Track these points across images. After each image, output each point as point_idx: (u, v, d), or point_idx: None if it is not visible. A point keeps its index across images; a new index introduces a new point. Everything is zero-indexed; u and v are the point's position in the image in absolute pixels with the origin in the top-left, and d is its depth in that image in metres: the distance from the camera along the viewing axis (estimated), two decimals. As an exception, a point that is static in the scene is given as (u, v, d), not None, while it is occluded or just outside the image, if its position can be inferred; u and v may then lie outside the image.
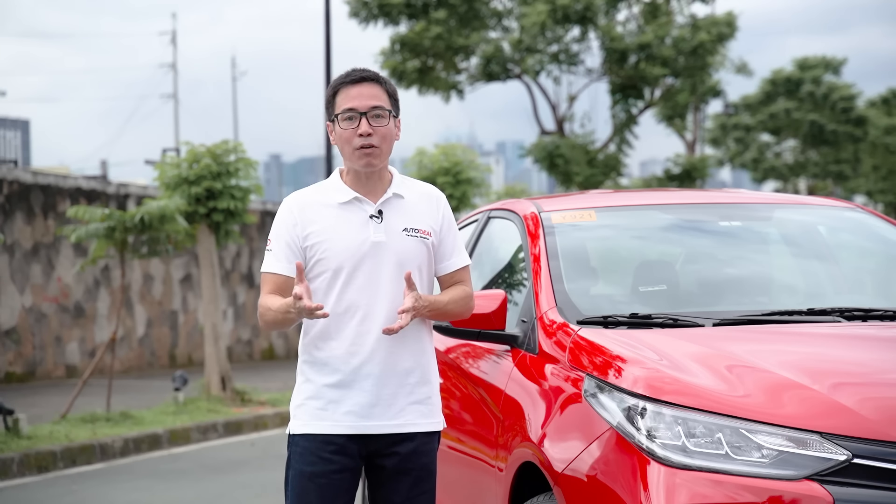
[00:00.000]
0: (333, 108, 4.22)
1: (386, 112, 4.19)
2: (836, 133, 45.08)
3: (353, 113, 4.17)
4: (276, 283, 4.19)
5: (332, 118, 4.23)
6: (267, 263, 4.24)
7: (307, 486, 4.15)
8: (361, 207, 4.20)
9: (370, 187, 4.23)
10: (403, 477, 4.21)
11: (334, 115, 4.21)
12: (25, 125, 56.65)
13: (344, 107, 4.18)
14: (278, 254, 4.21)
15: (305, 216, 4.20)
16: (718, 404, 3.95)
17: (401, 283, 4.15)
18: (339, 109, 4.19)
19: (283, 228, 4.22)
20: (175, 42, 58.91)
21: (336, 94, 4.22)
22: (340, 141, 4.20)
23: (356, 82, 4.20)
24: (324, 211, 4.20)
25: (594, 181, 28.18)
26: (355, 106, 4.17)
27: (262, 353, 23.25)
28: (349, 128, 4.17)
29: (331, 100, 4.24)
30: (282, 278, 4.18)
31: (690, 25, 28.45)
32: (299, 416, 4.19)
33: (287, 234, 4.20)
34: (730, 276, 5.30)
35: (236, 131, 62.70)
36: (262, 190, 14.40)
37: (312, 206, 4.22)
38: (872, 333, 4.61)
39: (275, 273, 4.19)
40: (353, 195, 4.20)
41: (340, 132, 4.19)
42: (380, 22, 27.94)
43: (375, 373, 4.15)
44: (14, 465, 10.44)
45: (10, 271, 17.19)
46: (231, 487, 9.88)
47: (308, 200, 4.24)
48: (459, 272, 4.33)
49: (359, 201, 4.21)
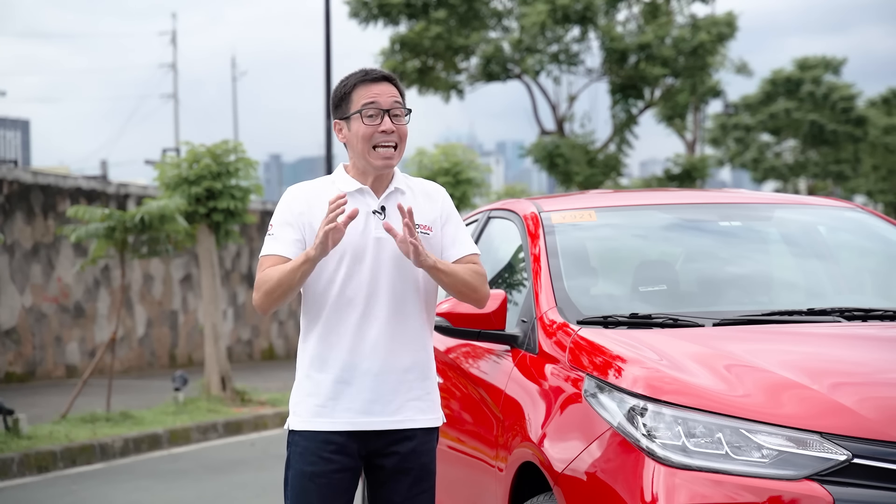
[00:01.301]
0: (348, 106, 4.16)
1: (405, 111, 4.20)
2: (836, 133, 45.07)
3: (376, 109, 4.13)
4: (276, 264, 4.14)
5: (345, 115, 4.17)
6: (268, 247, 4.16)
7: (307, 486, 4.14)
8: (365, 201, 4.19)
9: (375, 185, 4.22)
10: (403, 476, 4.21)
11: (353, 112, 4.15)
12: (25, 125, 56.63)
13: (365, 101, 4.13)
14: (281, 237, 4.15)
15: (310, 204, 4.17)
16: (718, 404, 3.95)
17: (401, 281, 4.15)
18: (357, 106, 4.13)
19: (289, 215, 4.17)
20: (175, 42, 58.92)
21: (352, 91, 4.16)
22: (358, 138, 4.14)
23: (377, 80, 4.16)
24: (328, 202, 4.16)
25: (594, 181, 28.19)
26: (380, 102, 4.14)
27: (262, 353, 23.25)
28: (371, 124, 4.13)
29: (345, 97, 4.17)
30: (283, 260, 4.13)
31: (690, 25, 28.45)
32: (299, 413, 4.18)
33: (293, 220, 4.16)
34: (730, 276, 5.30)
35: (236, 131, 62.70)
36: (262, 190, 14.40)
37: (317, 195, 4.20)
38: (872, 333, 4.61)
39: (277, 255, 4.13)
40: (358, 186, 4.19)
41: (360, 129, 4.14)
42: (380, 22, 27.95)
43: (375, 369, 4.14)
44: (14, 465, 10.44)
45: (10, 271, 17.19)
46: (231, 487, 9.88)
47: (313, 190, 4.22)
48: (467, 258, 4.24)
49: (362, 194, 4.19)
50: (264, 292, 4.09)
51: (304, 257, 4.02)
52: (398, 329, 4.17)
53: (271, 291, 4.08)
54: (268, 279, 4.08)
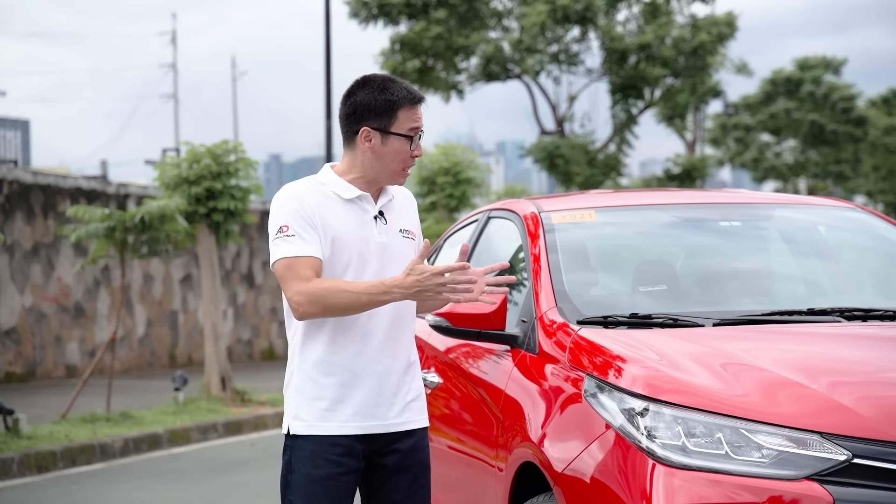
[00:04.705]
0: (391, 121, 4.14)
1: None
2: (836, 133, 45.09)
3: (416, 133, 4.18)
4: (314, 266, 4.05)
5: (387, 129, 4.15)
6: (293, 248, 4.04)
7: (316, 490, 4.11)
8: (364, 207, 4.19)
9: (372, 190, 4.23)
10: (403, 474, 4.22)
11: (397, 132, 4.15)
12: (25, 125, 56.63)
13: (411, 126, 4.15)
14: (306, 237, 4.06)
15: (317, 204, 4.12)
16: (718, 404, 3.95)
17: None
18: (405, 128, 4.15)
19: (302, 213, 4.08)
20: (175, 42, 58.92)
21: (399, 109, 4.14)
22: (394, 156, 4.15)
23: (419, 103, 4.20)
24: (331, 204, 4.14)
25: (594, 181, 28.20)
26: (420, 127, 4.18)
27: (262, 353, 23.25)
28: (412, 149, 4.17)
29: (390, 111, 4.14)
30: (318, 262, 4.06)
31: (690, 25, 28.46)
32: (303, 417, 4.14)
33: (309, 218, 4.08)
34: (730, 276, 5.30)
35: (236, 131, 62.69)
36: (262, 190, 14.41)
37: (318, 196, 4.15)
38: (872, 333, 4.61)
39: (312, 256, 4.05)
40: (359, 193, 4.18)
41: (403, 150, 4.15)
42: (380, 22, 27.96)
43: (380, 371, 4.15)
44: (14, 465, 10.44)
45: (10, 271, 17.19)
46: (231, 487, 9.88)
47: (311, 190, 4.16)
48: None
49: (361, 200, 4.19)
50: (323, 305, 4.01)
51: (388, 294, 3.98)
52: (399, 331, 4.19)
53: (331, 307, 4.01)
54: (333, 294, 3.99)
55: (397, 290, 3.97)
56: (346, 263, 4.12)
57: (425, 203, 21.31)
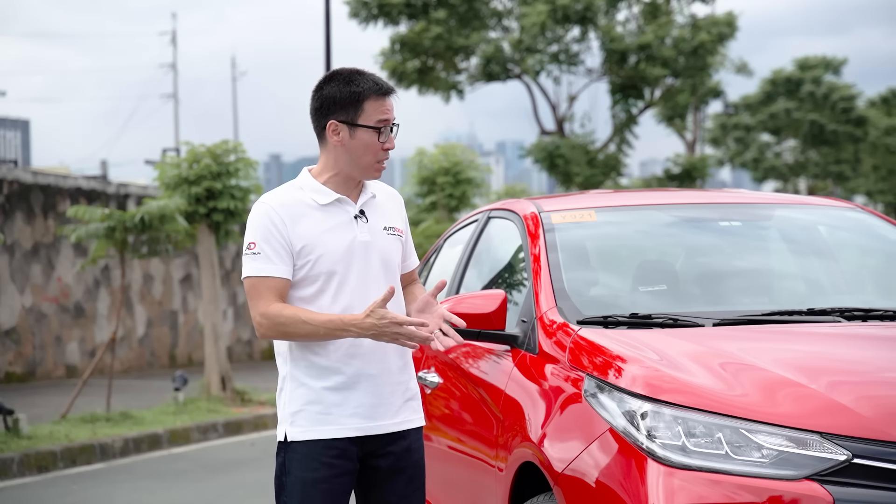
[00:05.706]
0: (358, 114, 4.08)
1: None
2: (836, 133, 45.09)
3: (386, 126, 4.11)
4: (278, 288, 4.03)
5: (353, 122, 4.09)
6: (259, 267, 4.03)
7: (311, 493, 4.09)
8: (343, 208, 4.15)
9: (349, 189, 4.18)
10: (398, 476, 4.20)
11: (365, 124, 4.09)
12: (25, 125, 56.69)
13: (379, 118, 4.09)
14: (272, 256, 4.03)
15: (290, 217, 4.07)
16: (718, 404, 3.95)
17: (386, 282, 4.14)
18: (372, 120, 4.09)
19: (272, 230, 4.05)
20: (175, 42, 58.89)
21: (365, 100, 4.09)
22: (363, 149, 4.09)
23: (388, 94, 4.13)
24: (308, 212, 4.09)
25: (594, 181, 28.21)
26: (390, 119, 4.12)
27: (262, 353, 23.25)
28: (382, 141, 4.11)
29: (356, 103, 4.09)
30: (283, 282, 4.04)
31: (690, 25, 28.47)
32: (299, 423, 4.12)
33: (277, 235, 4.04)
34: (730, 276, 5.30)
35: (236, 131, 62.67)
36: (261, 190, 14.40)
37: (294, 206, 4.10)
38: (872, 333, 4.61)
39: (275, 277, 4.03)
40: (336, 196, 4.14)
41: (373, 143, 4.09)
42: (380, 22, 27.97)
43: (374, 373, 4.13)
44: (14, 465, 10.44)
45: (10, 271, 17.19)
46: (231, 487, 9.88)
47: (287, 201, 4.11)
48: (414, 270, 4.41)
49: (340, 202, 4.15)
50: (283, 332, 4.02)
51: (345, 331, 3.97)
52: None
53: (290, 335, 4.02)
54: (295, 323, 3.98)
55: (354, 329, 3.95)
56: (329, 268, 4.08)
57: (425, 203, 21.33)
